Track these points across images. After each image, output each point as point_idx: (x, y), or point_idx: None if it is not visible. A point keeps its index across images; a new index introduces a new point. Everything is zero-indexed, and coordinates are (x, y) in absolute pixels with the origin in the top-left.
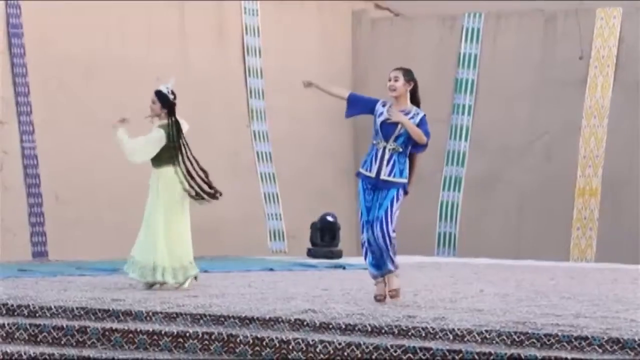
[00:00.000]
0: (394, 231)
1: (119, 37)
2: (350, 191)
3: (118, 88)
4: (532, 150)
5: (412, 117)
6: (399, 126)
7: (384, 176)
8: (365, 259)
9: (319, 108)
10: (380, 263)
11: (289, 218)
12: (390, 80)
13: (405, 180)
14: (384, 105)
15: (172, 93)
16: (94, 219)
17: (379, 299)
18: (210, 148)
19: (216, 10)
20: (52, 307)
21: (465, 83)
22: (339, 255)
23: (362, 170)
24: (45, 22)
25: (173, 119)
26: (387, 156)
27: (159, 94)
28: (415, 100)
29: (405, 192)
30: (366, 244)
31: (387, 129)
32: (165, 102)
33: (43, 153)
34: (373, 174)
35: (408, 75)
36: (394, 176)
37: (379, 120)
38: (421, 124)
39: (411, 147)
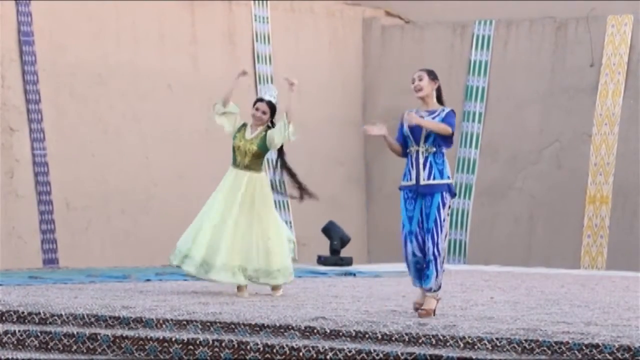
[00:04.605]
0: (444, 241)
1: (130, 44)
2: (360, 199)
3: (129, 95)
4: (543, 158)
5: (439, 114)
6: None
7: (423, 181)
8: (410, 272)
9: (329, 116)
10: (423, 276)
11: (299, 226)
12: (414, 81)
13: (448, 181)
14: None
15: None
16: (105, 226)
17: (417, 307)
18: (221, 155)
19: (227, 17)
20: (63, 314)
21: (476, 90)
22: (349, 262)
23: (402, 183)
24: (57, 30)
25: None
26: (422, 160)
27: (271, 106)
28: (440, 102)
29: (452, 195)
30: (409, 256)
31: (414, 132)
32: (274, 112)
33: (54, 160)
34: (413, 182)
35: (432, 74)
36: (434, 178)
37: (405, 126)
38: (446, 117)
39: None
